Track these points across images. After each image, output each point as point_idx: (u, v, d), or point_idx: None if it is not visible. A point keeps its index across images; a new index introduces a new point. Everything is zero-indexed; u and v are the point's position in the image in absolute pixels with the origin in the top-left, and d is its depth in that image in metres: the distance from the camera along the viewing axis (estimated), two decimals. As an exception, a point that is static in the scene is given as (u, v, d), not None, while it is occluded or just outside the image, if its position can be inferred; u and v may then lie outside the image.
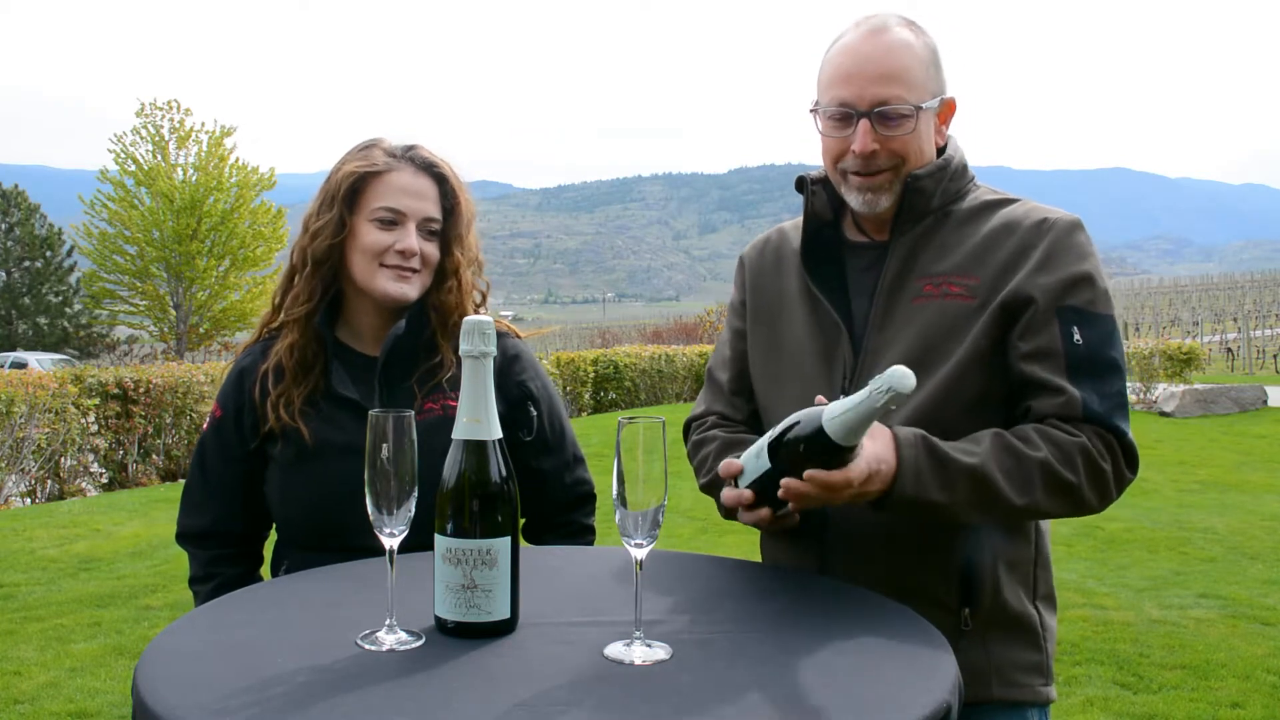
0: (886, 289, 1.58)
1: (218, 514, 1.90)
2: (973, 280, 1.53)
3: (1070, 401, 1.46)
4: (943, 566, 1.53)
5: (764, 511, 1.43)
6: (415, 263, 1.82)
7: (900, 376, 1.22)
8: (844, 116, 1.55)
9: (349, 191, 1.82)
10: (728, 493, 1.48)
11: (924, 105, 1.54)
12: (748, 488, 1.42)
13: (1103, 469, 1.46)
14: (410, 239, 1.81)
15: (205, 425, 1.93)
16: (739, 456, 1.45)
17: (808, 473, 1.32)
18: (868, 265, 1.63)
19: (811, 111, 1.61)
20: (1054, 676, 1.63)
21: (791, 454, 1.35)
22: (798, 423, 1.35)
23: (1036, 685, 1.59)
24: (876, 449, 1.38)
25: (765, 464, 1.39)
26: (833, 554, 1.57)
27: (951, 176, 1.61)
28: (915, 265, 1.58)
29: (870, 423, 1.28)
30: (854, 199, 1.59)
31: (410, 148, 1.87)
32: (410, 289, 1.82)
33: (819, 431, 1.31)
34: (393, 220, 1.81)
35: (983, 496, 1.43)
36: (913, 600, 1.41)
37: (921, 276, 1.56)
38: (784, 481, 1.34)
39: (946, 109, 1.62)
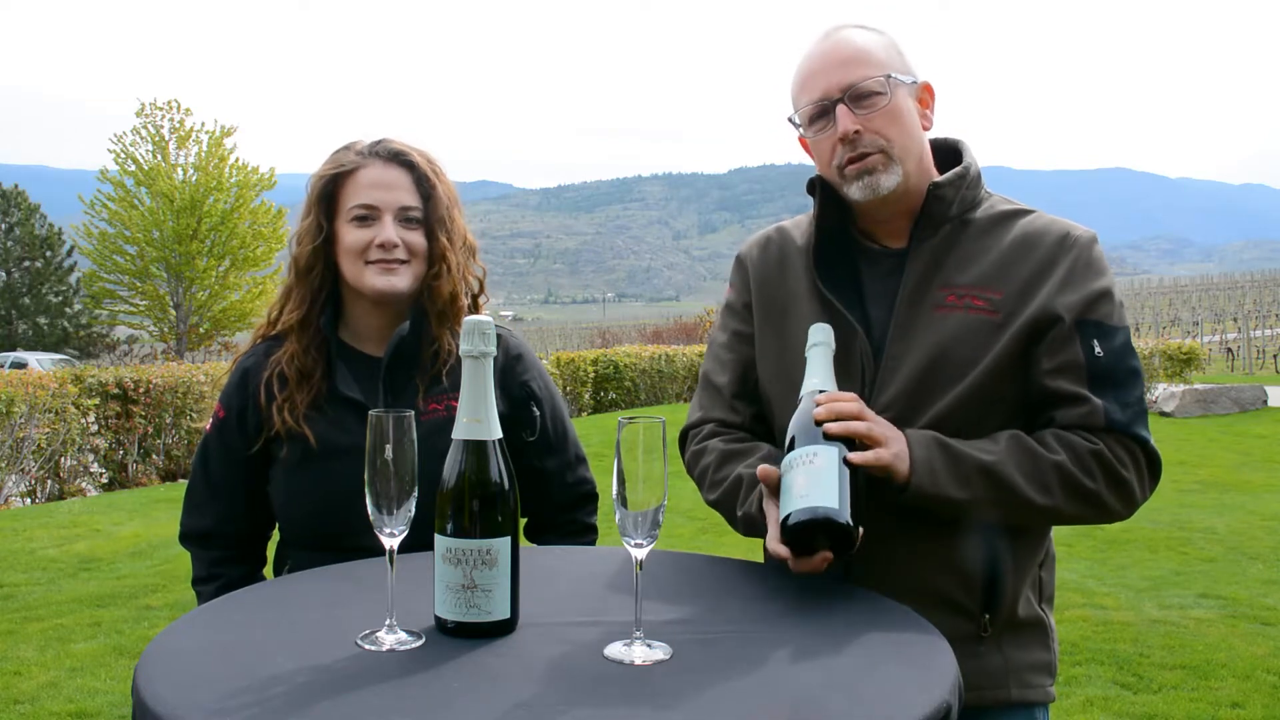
0: (908, 296, 1.57)
1: (221, 514, 1.90)
2: (996, 295, 1.54)
3: (1093, 412, 1.48)
4: (966, 574, 1.54)
5: (816, 559, 1.37)
6: (400, 254, 1.81)
7: (816, 328, 1.52)
8: (821, 112, 1.57)
9: (323, 196, 1.84)
10: (774, 546, 1.42)
11: (894, 75, 1.56)
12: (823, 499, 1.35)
13: (1124, 477, 1.47)
14: (387, 231, 1.80)
15: (208, 426, 1.93)
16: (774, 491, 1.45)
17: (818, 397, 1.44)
18: (886, 271, 1.62)
19: (795, 127, 1.64)
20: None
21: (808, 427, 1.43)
22: (793, 433, 1.44)
23: (1046, 685, 1.61)
24: (896, 429, 1.46)
25: (827, 458, 1.38)
26: (856, 565, 1.55)
27: (969, 185, 1.61)
28: (937, 274, 1.57)
29: (828, 366, 1.49)
30: (855, 191, 1.57)
31: (378, 142, 1.88)
32: (399, 280, 1.82)
33: (812, 395, 1.46)
34: (367, 216, 1.81)
35: (1001, 494, 1.45)
36: (936, 607, 1.42)
37: (944, 286, 1.56)
38: (827, 413, 1.40)
39: (924, 92, 1.62)
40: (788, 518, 1.35)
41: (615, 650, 1.18)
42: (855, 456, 1.39)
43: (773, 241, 1.76)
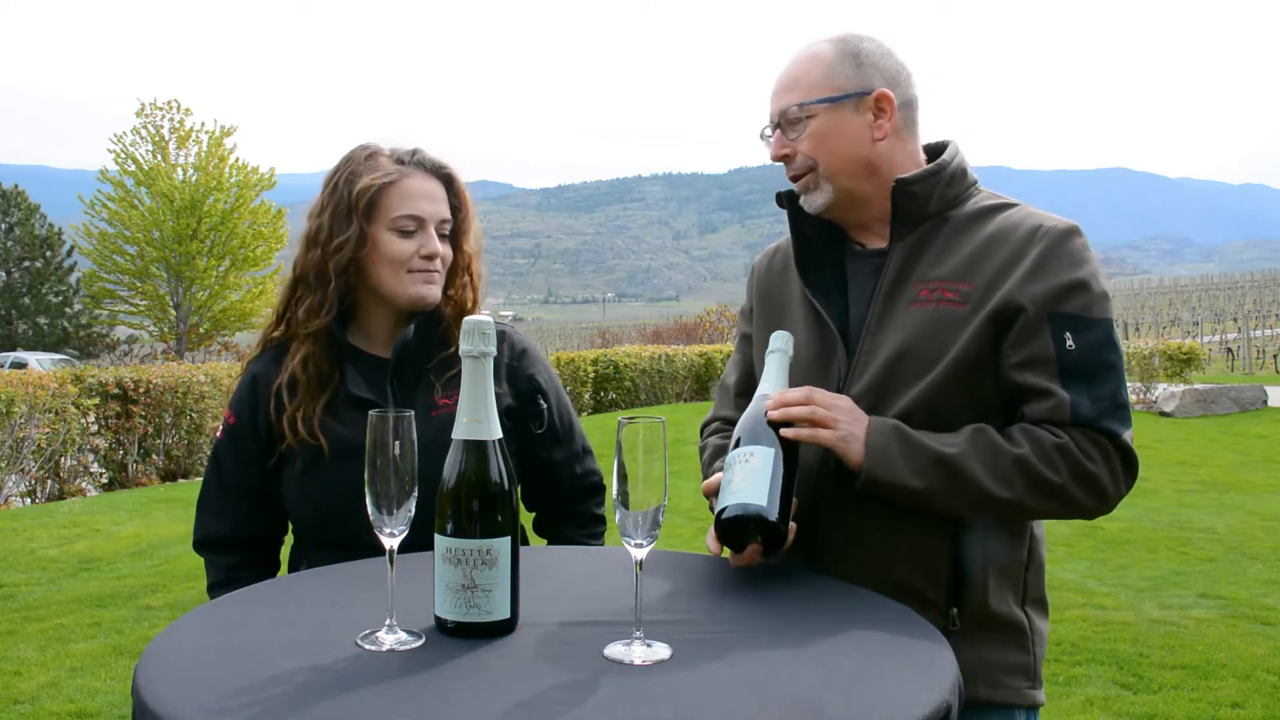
0: (884, 293, 1.60)
1: (238, 519, 1.90)
2: (966, 286, 1.55)
3: (1059, 405, 1.46)
4: (931, 567, 1.54)
5: (749, 552, 1.48)
6: (437, 264, 1.85)
7: (776, 335, 1.55)
8: (766, 135, 1.68)
9: (368, 205, 1.83)
10: (709, 540, 1.53)
11: (809, 102, 1.59)
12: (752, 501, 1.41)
13: (1090, 471, 1.45)
14: (434, 242, 1.84)
15: (219, 433, 1.93)
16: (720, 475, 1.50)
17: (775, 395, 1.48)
18: (870, 271, 1.65)
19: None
20: (1042, 680, 1.63)
21: (756, 425, 1.46)
22: (739, 433, 1.47)
23: (1023, 687, 1.60)
24: (856, 414, 1.50)
25: (764, 458, 1.42)
26: (821, 552, 1.58)
27: (948, 181, 1.62)
28: (914, 270, 1.59)
29: (782, 372, 1.53)
30: (804, 205, 1.67)
31: (414, 152, 1.89)
32: (436, 290, 1.87)
33: (762, 399, 1.49)
34: (414, 228, 1.83)
35: (961, 487, 1.45)
36: (902, 599, 1.42)
37: (919, 281, 1.58)
38: (773, 404, 1.46)
39: (875, 102, 1.60)
40: (721, 512, 1.41)
41: (615, 650, 1.18)
42: (790, 432, 1.44)
43: (780, 250, 1.83)
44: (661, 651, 1.18)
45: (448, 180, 1.90)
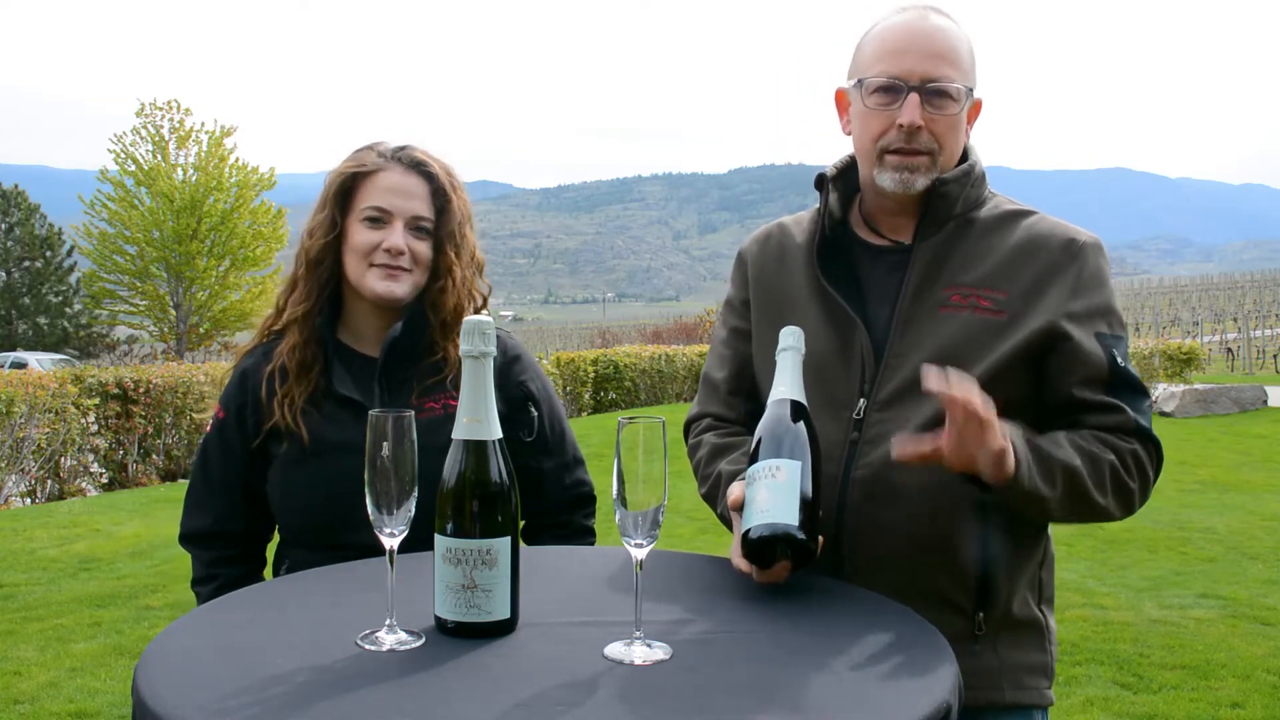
0: (911, 294, 1.58)
1: (220, 513, 1.90)
2: (1000, 295, 1.55)
3: (1125, 420, 1.52)
4: (958, 571, 1.54)
5: (776, 569, 1.39)
6: (404, 261, 1.82)
7: (787, 331, 1.46)
8: (892, 89, 1.54)
9: (340, 192, 1.85)
10: (735, 559, 1.44)
11: (970, 88, 1.56)
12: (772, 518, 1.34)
13: (1149, 475, 1.54)
14: (396, 237, 1.81)
15: (208, 428, 1.94)
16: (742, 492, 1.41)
17: (956, 397, 1.31)
18: (889, 268, 1.62)
19: (854, 85, 1.59)
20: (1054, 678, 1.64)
21: (780, 435, 1.38)
22: (760, 438, 1.40)
23: (1043, 687, 1.61)
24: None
25: (787, 475, 1.35)
26: (847, 561, 1.56)
27: (973, 183, 1.62)
28: (941, 272, 1.58)
29: (797, 371, 1.44)
30: (887, 180, 1.56)
31: (402, 148, 1.89)
32: (399, 287, 1.83)
33: (786, 400, 1.41)
34: (379, 219, 1.82)
35: (1075, 494, 1.47)
36: (929, 604, 1.41)
37: (949, 285, 1.57)
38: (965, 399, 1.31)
39: (975, 108, 1.62)
40: (748, 532, 1.35)
41: (615, 650, 1.18)
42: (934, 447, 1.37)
43: (773, 237, 1.76)
44: (661, 652, 1.17)
45: (429, 177, 1.86)
